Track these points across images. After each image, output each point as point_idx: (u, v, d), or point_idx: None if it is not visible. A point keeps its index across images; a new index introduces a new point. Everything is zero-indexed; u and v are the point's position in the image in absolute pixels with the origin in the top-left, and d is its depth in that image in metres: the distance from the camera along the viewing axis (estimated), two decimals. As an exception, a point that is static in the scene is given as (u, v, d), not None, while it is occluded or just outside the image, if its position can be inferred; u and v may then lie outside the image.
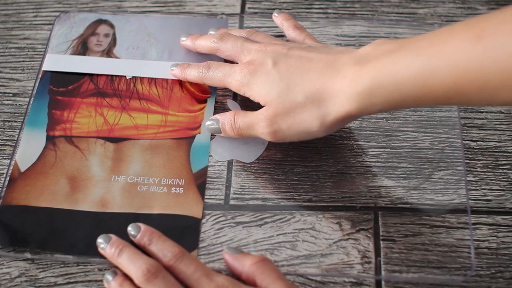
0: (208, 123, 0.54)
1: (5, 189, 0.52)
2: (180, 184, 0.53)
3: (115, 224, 0.50)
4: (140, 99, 0.57)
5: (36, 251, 0.49)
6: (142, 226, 0.49)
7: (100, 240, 0.48)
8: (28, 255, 0.49)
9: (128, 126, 0.56)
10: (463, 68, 0.41)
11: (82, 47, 0.60)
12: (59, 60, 0.59)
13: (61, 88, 0.58)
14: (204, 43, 0.57)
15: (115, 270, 0.47)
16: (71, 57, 0.60)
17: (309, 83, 0.48)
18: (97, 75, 0.58)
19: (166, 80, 0.58)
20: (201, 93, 0.58)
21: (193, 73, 0.56)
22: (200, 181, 0.53)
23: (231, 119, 0.52)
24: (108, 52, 0.60)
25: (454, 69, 0.41)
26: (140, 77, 0.58)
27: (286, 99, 0.49)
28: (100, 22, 0.62)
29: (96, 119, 0.56)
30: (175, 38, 0.60)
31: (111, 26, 0.62)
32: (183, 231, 0.50)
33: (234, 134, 0.53)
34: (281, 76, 0.50)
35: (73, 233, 0.50)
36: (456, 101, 0.44)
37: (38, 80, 0.59)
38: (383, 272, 0.49)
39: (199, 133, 0.55)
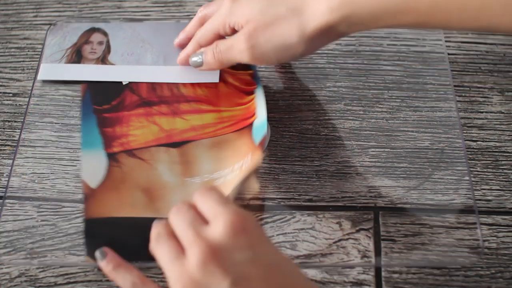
0: (193, 58, 0.54)
1: (83, 202, 0.51)
2: (249, 158, 0.52)
3: None
4: (189, 102, 0.57)
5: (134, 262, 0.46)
6: None
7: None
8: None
9: (185, 129, 0.55)
10: None
11: (77, 56, 0.60)
12: (54, 69, 0.59)
13: (105, 106, 0.57)
14: (193, 22, 0.57)
15: (105, 250, 0.44)
16: (66, 66, 0.59)
17: None
18: (137, 86, 0.58)
19: None
20: (246, 86, 0.57)
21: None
22: (262, 147, 0.52)
23: (214, 45, 0.52)
24: (103, 59, 0.60)
25: None
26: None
27: (267, 12, 0.49)
28: (93, 30, 0.62)
29: (150, 128, 0.55)
30: (169, 43, 0.60)
31: (105, 34, 0.61)
32: None
33: (215, 60, 0.52)
34: None
35: None
36: (437, 21, 0.46)
37: (37, 80, 0.58)
38: (383, 273, 0.49)
39: (256, 118, 0.55)
